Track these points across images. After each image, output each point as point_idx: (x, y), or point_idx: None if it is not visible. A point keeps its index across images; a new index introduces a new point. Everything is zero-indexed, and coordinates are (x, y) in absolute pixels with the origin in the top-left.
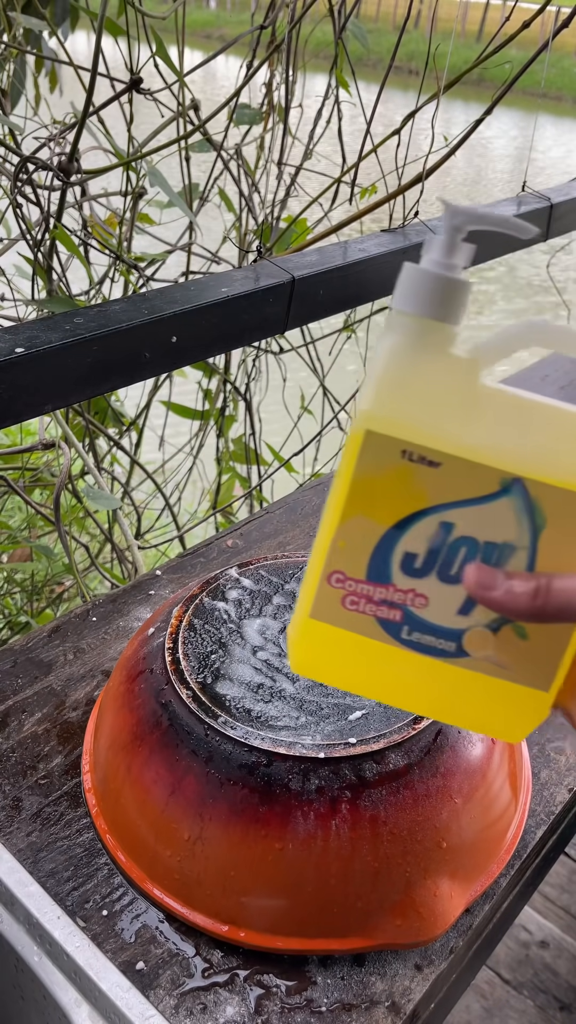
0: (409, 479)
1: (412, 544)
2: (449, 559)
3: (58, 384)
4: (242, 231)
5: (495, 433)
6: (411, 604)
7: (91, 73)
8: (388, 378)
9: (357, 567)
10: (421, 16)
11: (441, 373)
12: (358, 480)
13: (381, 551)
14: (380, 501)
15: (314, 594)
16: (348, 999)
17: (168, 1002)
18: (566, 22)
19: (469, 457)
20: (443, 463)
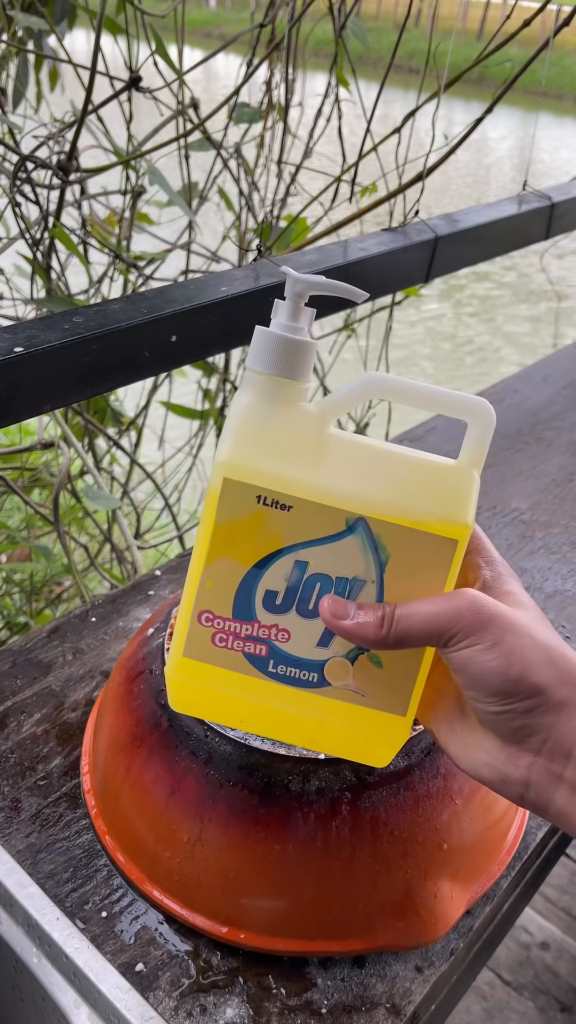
0: (265, 522)
1: (272, 582)
2: (306, 595)
3: (57, 383)
4: (242, 230)
5: (340, 477)
6: (275, 639)
7: (90, 71)
8: (243, 431)
9: (224, 606)
10: (421, 14)
11: (290, 424)
12: (220, 524)
13: (245, 590)
14: (241, 543)
15: (185, 634)
16: (348, 1001)
17: (168, 1003)
18: (567, 20)
19: (317, 500)
20: (294, 506)
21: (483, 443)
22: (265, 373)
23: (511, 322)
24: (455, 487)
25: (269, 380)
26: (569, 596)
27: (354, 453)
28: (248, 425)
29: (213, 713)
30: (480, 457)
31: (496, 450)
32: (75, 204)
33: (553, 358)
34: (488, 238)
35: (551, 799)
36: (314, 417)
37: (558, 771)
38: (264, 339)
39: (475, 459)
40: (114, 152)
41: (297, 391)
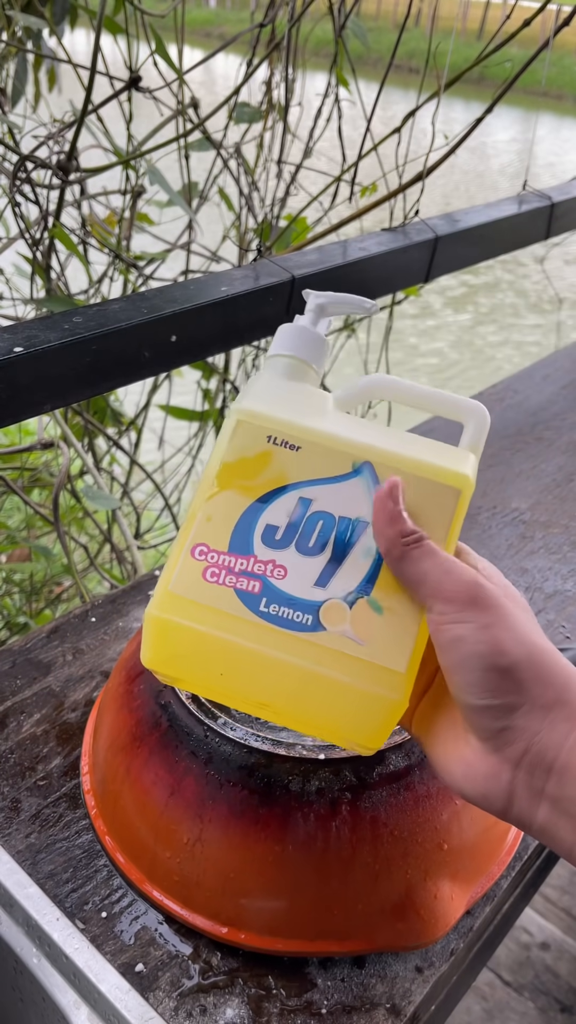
0: (273, 459)
1: (274, 517)
2: (307, 532)
3: (57, 383)
4: (242, 230)
5: (348, 429)
6: (270, 575)
7: (90, 71)
8: (259, 389)
9: (220, 539)
10: (421, 14)
11: (303, 393)
12: (228, 460)
13: (245, 523)
14: (247, 477)
15: (175, 568)
16: (348, 1001)
17: (168, 1004)
18: (567, 20)
19: (325, 443)
20: (303, 447)
21: (478, 441)
22: (283, 354)
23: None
24: (456, 455)
25: (286, 360)
26: (569, 596)
27: (360, 422)
28: (265, 386)
29: (189, 668)
30: (477, 450)
31: (496, 450)
32: (75, 204)
33: (553, 358)
34: (488, 238)
35: (534, 816)
36: (324, 395)
37: (539, 786)
38: (284, 330)
39: (473, 448)
40: (114, 152)
41: (309, 373)
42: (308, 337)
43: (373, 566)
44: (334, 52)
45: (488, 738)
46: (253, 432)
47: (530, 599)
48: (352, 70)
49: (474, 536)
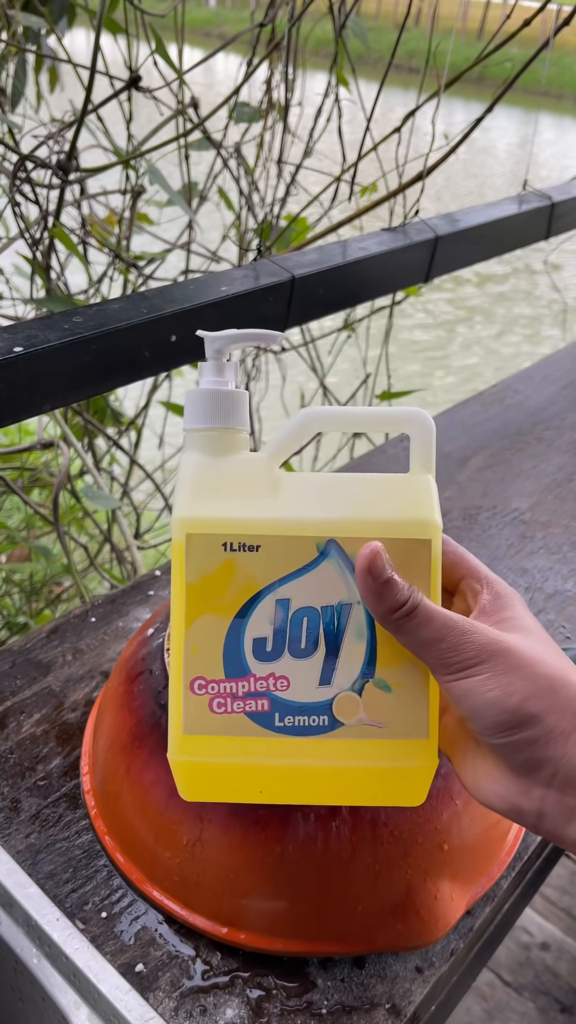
0: (236, 568)
1: (258, 629)
2: (295, 634)
3: (57, 383)
4: (242, 229)
5: (301, 507)
6: (275, 689)
7: (90, 71)
8: (195, 484)
9: (214, 667)
10: (421, 14)
11: (240, 469)
12: (192, 583)
13: (232, 644)
14: (216, 596)
15: (181, 708)
16: (348, 1001)
17: (168, 1004)
18: (567, 20)
19: (283, 533)
20: (262, 545)
21: (428, 450)
22: (203, 428)
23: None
24: (414, 493)
25: (209, 434)
26: (569, 596)
27: (308, 485)
28: (199, 478)
29: (228, 792)
30: (429, 462)
31: (497, 450)
32: (75, 204)
33: (553, 358)
34: (488, 238)
35: (566, 831)
36: (262, 460)
37: (571, 804)
38: (195, 398)
39: (425, 465)
40: (114, 152)
41: (239, 439)
42: (220, 399)
43: (369, 647)
44: (334, 52)
45: (515, 767)
46: (206, 545)
47: (530, 599)
48: (352, 70)
49: (474, 536)
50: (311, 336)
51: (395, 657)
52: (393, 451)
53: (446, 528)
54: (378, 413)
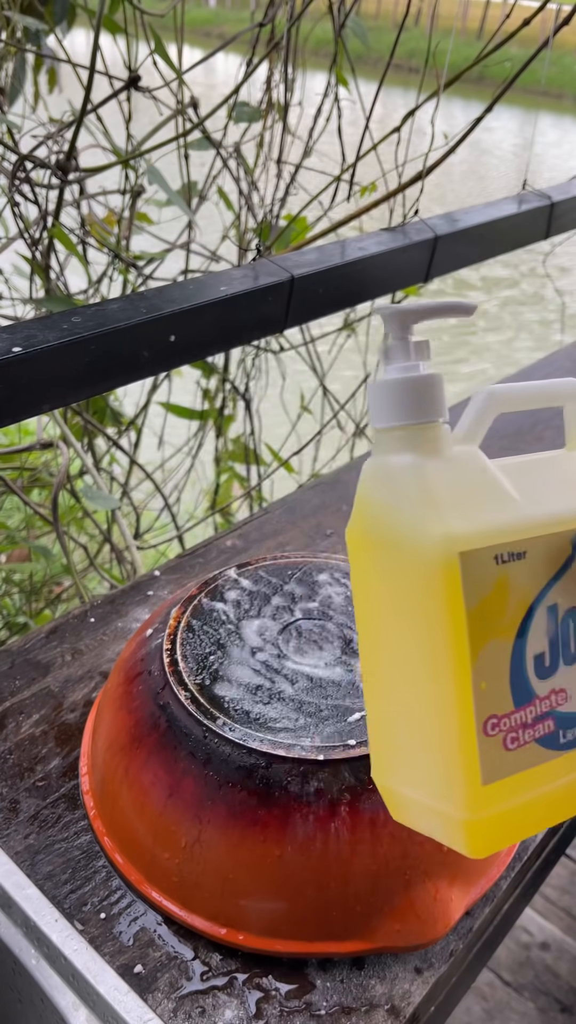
0: (511, 582)
1: (536, 645)
2: (567, 640)
3: (56, 383)
4: (241, 229)
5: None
6: (556, 705)
7: (89, 71)
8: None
9: (503, 701)
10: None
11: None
12: (471, 608)
13: (516, 669)
14: (496, 618)
15: (477, 758)
16: (347, 1002)
17: (167, 1005)
18: (567, 20)
19: (541, 532)
20: (527, 550)
21: None
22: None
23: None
24: None
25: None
26: None
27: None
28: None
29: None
30: None
31: (496, 450)
32: (74, 204)
33: (553, 358)
34: (488, 237)
35: None
36: (473, 454)
37: None
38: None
39: None
40: (113, 151)
41: (445, 432)
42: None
43: None
44: (334, 51)
45: None
46: (480, 561)
47: None
48: (352, 69)
49: None
50: (311, 336)
51: None
52: None
53: None
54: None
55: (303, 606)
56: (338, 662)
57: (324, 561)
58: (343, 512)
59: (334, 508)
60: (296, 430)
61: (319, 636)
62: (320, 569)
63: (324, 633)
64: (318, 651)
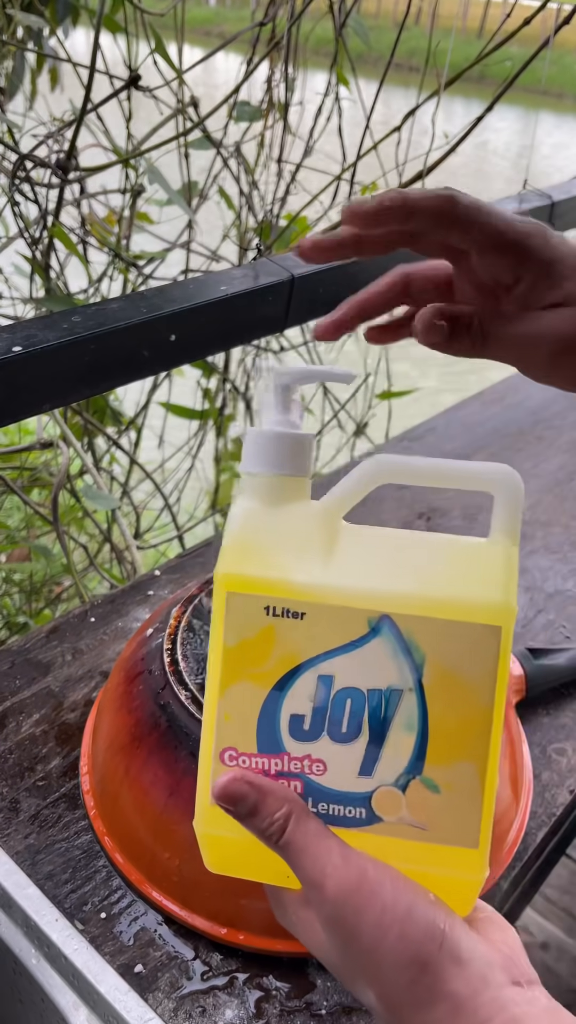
0: (278, 636)
1: (296, 705)
2: (336, 716)
3: (56, 383)
4: (241, 229)
5: (356, 573)
6: (309, 772)
7: (90, 70)
8: (242, 537)
9: (247, 740)
10: (422, 12)
11: (295, 523)
12: (229, 646)
13: (267, 717)
14: (255, 664)
15: (209, 779)
16: (348, 1002)
17: (167, 1005)
18: (567, 19)
19: (332, 602)
20: (307, 612)
21: (514, 515)
22: (261, 473)
23: None
24: (489, 565)
25: (266, 480)
26: (569, 596)
27: (370, 545)
28: (247, 531)
29: (254, 870)
30: (514, 530)
31: (497, 449)
32: (74, 203)
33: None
34: None
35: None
36: (320, 512)
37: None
38: (256, 439)
39: (509, 532)
40: (113, 151)
41: (299, 488)
42: (284, 443)
43: (419, 740)
44: (334, 51)
45: None
46: (247, 606)
47: (530, 599)
48: (352, 69)
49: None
50: (311, 336)
51: (448, 755)
52: (392, 451)
53: (448, 527)
54: (456, 468)
55: None
56: None
57: None
58: None
59: None
60: None
61: None
62: None
63: None
64: None
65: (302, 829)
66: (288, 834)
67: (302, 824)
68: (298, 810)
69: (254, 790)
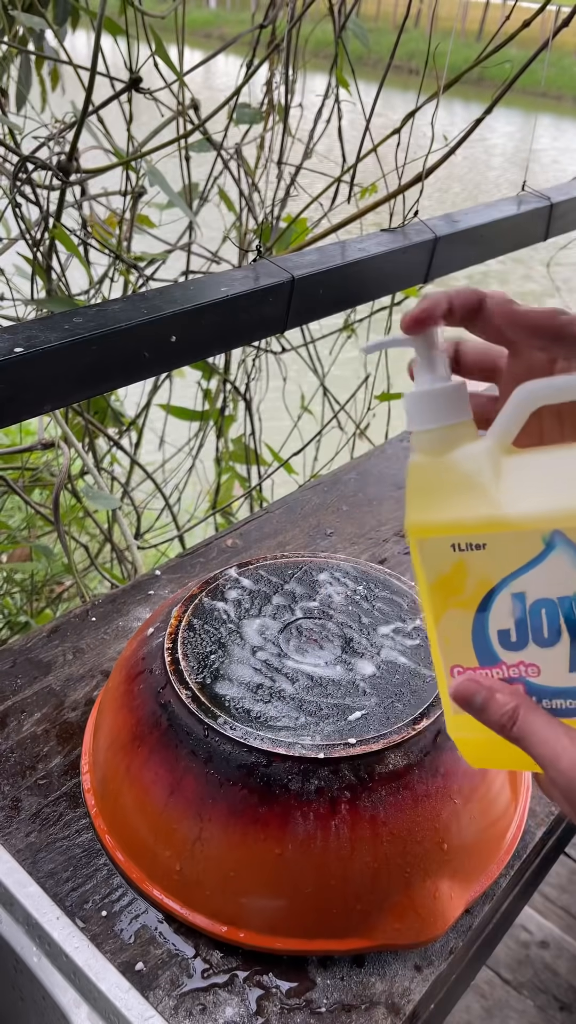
0: (469, 566)
1: (500, 621)
2: (536, 624)
3: (57, 384)
4: (242, 231)
5: (523, 499)
6: (527, 675)
7: (90, 72)
8: (419, 488)
9: (468, 656)
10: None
11: (464, 465)
12: (431, 583)
13: (479, 635)
14: (456, 593)
15: (446, 691)
16: (348, 1000)
17: (167, 1003)
18: (566, 21)
19: (505, 528)
20: (487, 542)
21: None
22: (421, 430)
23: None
24: None
25: (428, 434)
26: None
27: (534, 468)
28: (423, 482)
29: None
30: None
31: None
32: (75, 205)
33: None
34: (487, 238)
35: None
36: (485, 450)
37: None
38: (409, 402)
39: None
40: (114, 153)
41: (462, 431)
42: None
43: None
44: (334, 53)
45: None
46: (436, 547)
47: None
48: (352, 71)
49: None
50: (311, 336)
51: None
52: (392, 451)
53: None
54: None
55: (303, 605)
56: (338, 661)
57: (324, 560)
58: (343, 512)
59: (334, 508)
60: (296, 430)
61: (319, 635)
62: (320, 568)
63: (324, 632)
64: (318, 650)
65: (531, 718)
66: (519, 723)
67: (530, 714)
68: (524, 703)
69: (483, 688)
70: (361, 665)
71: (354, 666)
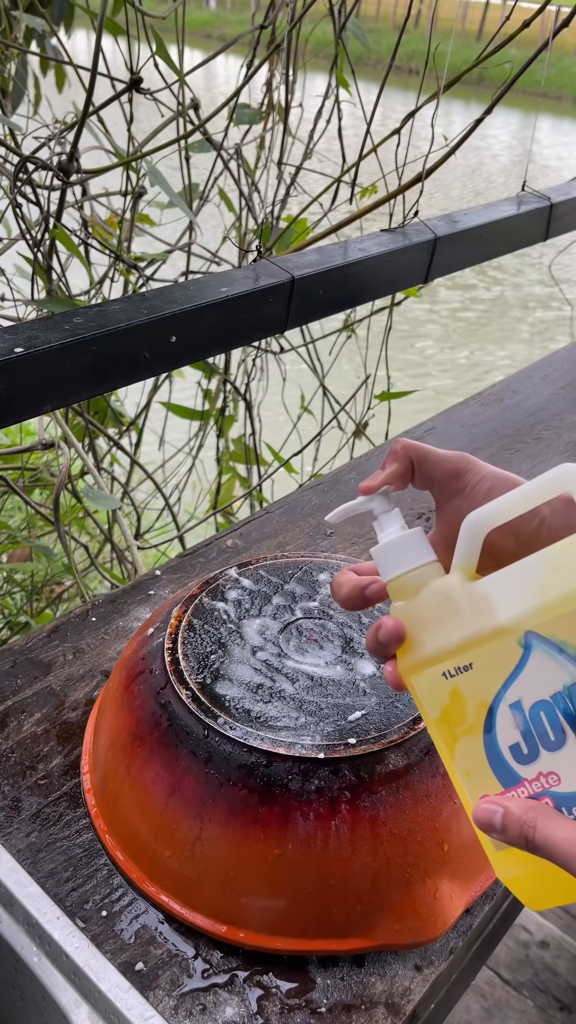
0: (464, 690)
1: (508, 737)
2: (540, 729)
3: (57, 384)
4: (242, 231)
5: (493, 612)
6: (550, 786)
7: (91, 73)
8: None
9: (490, 784)
10: (421, 15)
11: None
12: (436, 717)
13: (494, 759)
14: (460, 721)
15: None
16: (348, 1000)
17: (168, 1003)
18: (566, 21)
19: (485, 643)
20: (473, 662)
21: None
22: (392, 576)
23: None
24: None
25: (400, 580)
26: None
27: (499, 586)
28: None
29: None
30: None
31: (495, 450)
32: (76, 205)
33: (552, 358)
34: (487, 239)
35: None
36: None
37: None
38: (380, 553)
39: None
40: (115, 153)
41: (428, 572)
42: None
43: None
44: (334, 53)
45: None
46: (429, 680)
47: None
48: (352, 71)
49: None
50: (311, 336)
51: None
52: None
53: None
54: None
55: (304, 605)
56: (338, 661)
57: (324, 561)
58: None
59: (334, 508)
60: (296, 430)
61: (320, 635)
62: (320, 568)
63: (325, 632)
64: (319, 650)
65: (551, 827)
66: (538, 830)
67: (550, 821)
68: (541, 810)
69: (499, 807)
70: (361, 665)
71: (354, 666)
